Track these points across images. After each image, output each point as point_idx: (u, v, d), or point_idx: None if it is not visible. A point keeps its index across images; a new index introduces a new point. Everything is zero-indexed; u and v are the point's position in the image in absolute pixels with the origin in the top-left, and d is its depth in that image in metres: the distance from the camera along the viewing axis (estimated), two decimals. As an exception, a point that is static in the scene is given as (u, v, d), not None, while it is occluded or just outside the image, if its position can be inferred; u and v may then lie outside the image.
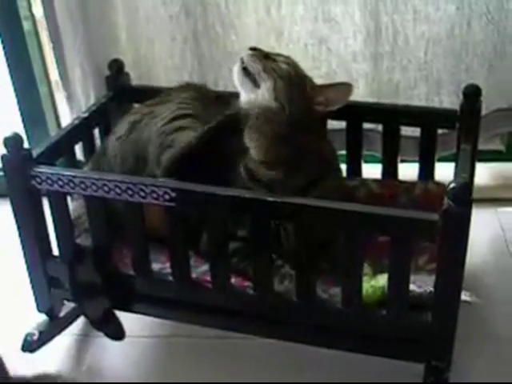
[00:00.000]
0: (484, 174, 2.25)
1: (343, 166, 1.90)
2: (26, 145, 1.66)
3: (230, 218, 1.57)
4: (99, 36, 2.04)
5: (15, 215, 1.70)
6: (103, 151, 1.85)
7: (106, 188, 1.56)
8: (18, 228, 1.72)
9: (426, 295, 1.49)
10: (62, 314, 1.87)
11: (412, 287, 1.49)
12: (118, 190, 1.55)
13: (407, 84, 2.02)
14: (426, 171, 1.86)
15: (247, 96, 1.66)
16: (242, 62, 1.66)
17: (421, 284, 1.52)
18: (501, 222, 2.18)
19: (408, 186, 1.87)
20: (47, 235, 1.74)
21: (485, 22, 1.95)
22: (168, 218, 1.57)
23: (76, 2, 1.97)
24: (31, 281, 1.78)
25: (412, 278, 1.48)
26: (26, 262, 1.76)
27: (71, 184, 1.60)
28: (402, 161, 1.95)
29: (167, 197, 1.52)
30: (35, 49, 2.18)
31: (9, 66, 2.22)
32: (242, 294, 1.62)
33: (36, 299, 1.81)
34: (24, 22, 2.16)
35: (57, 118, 2.27)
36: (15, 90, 2.26)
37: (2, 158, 1.64)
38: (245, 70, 1.66)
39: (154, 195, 1.53)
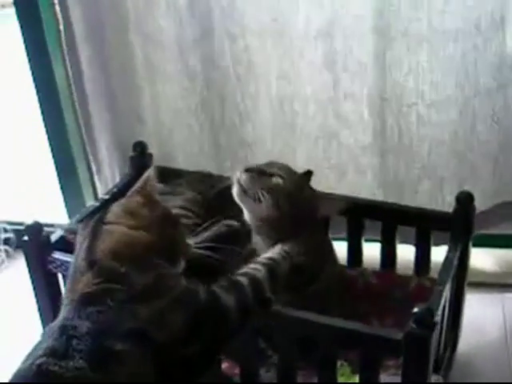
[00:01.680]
0: (492, 259, 2.32)
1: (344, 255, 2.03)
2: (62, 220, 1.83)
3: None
4: (125, 120, 2.20)
5: (34, 291, 1.86)
6: None
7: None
8: (38, 303, 1.87)
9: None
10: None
11: (383, 392, 1.60)
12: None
13: (411, 180, 2.10)
14: (422, 267, 1.95)
15: (250, 210, 1.80)
16: (241, 185, 1.78)
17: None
18: (504, 309, 2.22)
19: (403, 279, 1.96)
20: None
21: (489, 123, 2.02)
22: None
23: (103, 87, 2.15)
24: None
25: (382, 379, 1.59)
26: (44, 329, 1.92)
27: (82, 272, 1.76)
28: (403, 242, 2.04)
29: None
30: (71, 117, 2.34)
31: (48, 137, 2.41)
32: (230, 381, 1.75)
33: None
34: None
35: (93, 185, 2.44)
36: (54, 161, 2.45)
37: (23, 243, 1.81)
38: (244, 192, 1.78)
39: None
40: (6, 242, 2.66)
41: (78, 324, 1.24)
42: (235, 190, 1.79)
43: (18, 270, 2.55)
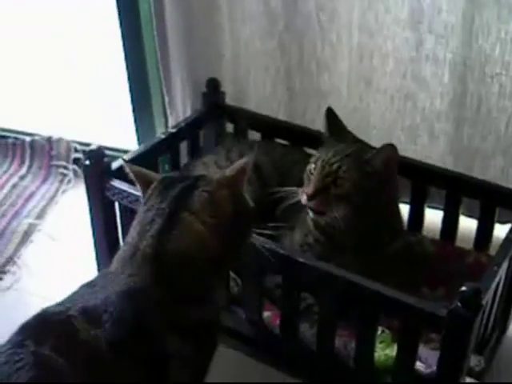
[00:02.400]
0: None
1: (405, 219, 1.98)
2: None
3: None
4: (202, 55, 2.19)
5: (91, 216, 1.89)
6: (187, 171, 2.00)
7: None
8: (92, 227, 1.91)
9: (431, 375, 1.57)
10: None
11: (419, 365, 1.58)
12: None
13: (485, 152, 2.04)
14: (482, 243, 1.91)
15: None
16: (315, 211, 1.75)
17: (431, 363, 1.60)
18: None
19: (461, 252, 1.93)
20: (117, 235, 1.91)
21: None
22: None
23: (184, 22, 2.14)
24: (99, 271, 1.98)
25: (424, 352, 1.59)
26: (96, 254, 1.96)
27: (138, 202, 1.75)
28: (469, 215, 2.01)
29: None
30: (151, 48, 2.33)
31: (127, 64, 2.42)
32: (270, 330, 1.76)
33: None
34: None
35: (165, 115, 2.45)
36: (130, 87, 2.46)
37: (85, 167, 1.83)
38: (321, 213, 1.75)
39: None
40: (76, 161, 2.71)
41: (119, 307, 1.25)
42: (311, 216, 1.77)
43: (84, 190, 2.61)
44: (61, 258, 2.31)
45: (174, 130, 2.06)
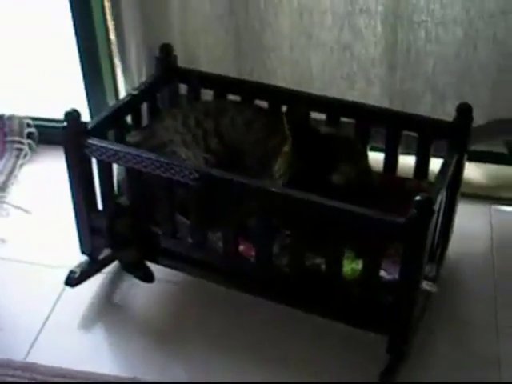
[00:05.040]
0: (484, 173, 2.54)
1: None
2: (84, 118, 1.99)
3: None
4: (154, 22, 2.35)
5: (69, 175, 2.02)
6: (152, 134, 2.15)
7: (143, 163, 1.89)
8: (71, 185, 2.04)
9: (394, 281, 1.80)
10: (100, 257, 2.20)
11: (382, 274, 1.81)
12: (153, 167, 1.88)
13: (415, 92, 2.28)
14: (421, 171, 2.12)
15: None
16: None
17: (391, 271, 1.83)
18: (492, 219, 2.43)
19: (403, 180, 2.15)
20: (94, 193, 2.07)
21: (491, 46, 2.18)
22: (193, 194, 1.90)
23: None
24: (78, 228, 2.12)
25: (384, 264, 1.80)
26: (75, 213, 2.10)
27: (116, 156, 1.93)
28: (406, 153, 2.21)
29: (192, 177, 1.84)
30: (101, 25, 2.49)
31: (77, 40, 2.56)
32: (246, 261, 1.95)
33: (80, 243, 2.15)
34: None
35: (115, 84, 2.60)
36: (80, 59, 2.60)
37: (63, 129, 1.97)
38: None
39: (182, 174, 1.85)
40: (30, 136, 2.82)
41: None
42: None
43: (41, 162, 2.75)
44: (29, 226, 2.46)
45: (135, 93, 2.22)
